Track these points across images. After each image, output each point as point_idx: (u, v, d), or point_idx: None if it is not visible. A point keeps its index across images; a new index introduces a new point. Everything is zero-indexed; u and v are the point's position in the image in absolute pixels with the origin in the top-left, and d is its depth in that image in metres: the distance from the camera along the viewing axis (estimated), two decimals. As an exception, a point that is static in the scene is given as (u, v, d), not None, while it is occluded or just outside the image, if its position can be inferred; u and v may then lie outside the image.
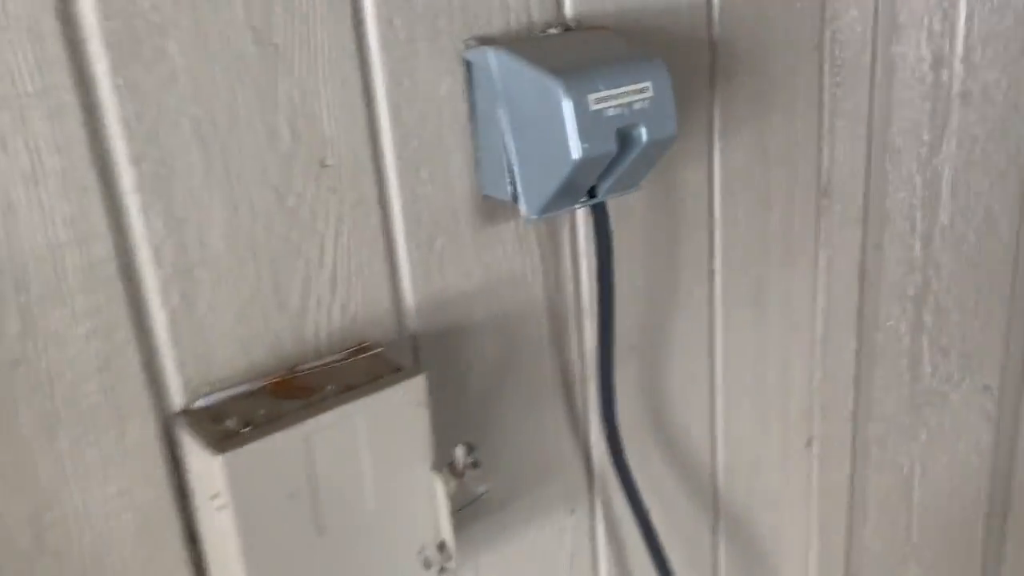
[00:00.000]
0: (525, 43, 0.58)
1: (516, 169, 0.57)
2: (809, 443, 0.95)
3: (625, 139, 0.55)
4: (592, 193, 0.59)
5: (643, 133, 0.55)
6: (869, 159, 0.82)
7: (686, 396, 0.81)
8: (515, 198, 0.58)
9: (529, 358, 0.67)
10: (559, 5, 0.61)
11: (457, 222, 0.60)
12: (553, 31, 0.61)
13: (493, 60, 0.56)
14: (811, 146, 0.84)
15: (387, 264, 0.58)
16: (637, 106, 0.55)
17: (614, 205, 0.65)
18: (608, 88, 0.54)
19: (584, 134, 0.53)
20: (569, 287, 0.68)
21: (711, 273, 0.79)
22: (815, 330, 0.91)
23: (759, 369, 0.87)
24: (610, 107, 0.54)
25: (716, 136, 0.75)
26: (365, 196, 0.55)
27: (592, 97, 0.53)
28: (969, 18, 0.69)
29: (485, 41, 0.58)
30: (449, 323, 0.62)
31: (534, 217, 0.57)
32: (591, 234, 0.67)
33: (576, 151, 0.53)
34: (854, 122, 0.83)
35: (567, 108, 0.52)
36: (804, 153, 0.83)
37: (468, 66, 0.58)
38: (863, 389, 0.88)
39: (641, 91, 0.55)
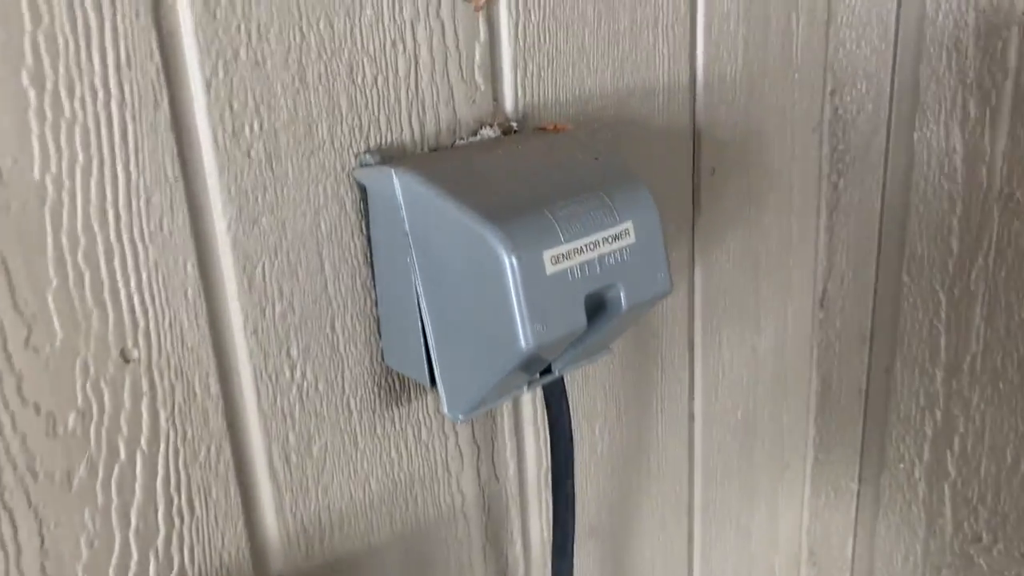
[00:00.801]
0: (447, 159, 0.39)
1: (433, 347, 0.38)
2: (797, 596, 0.79)
3: (596, 306, 0.37)
4: (546, 369, 0.41)
5: (622, 297, 0.37)
6: (878, 266, 0.67)
7: None
8: (433, 382, 0.39)
9: (455, 570, 0.49)
10: (496, 95, 0.43)
11: (347, 411, 0.41)
12: (488, 133, 0.42)
13: (398, 188, 0.37)
14: (808, 250, 0.67)
15: (237, 489, 0.38)
16: (613, 259, 0.37)
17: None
18: (572, 238, 0.36)
19: (536, 312, 0.34)
20: (509, 468, 0.50)
21: (691, 419, 0.62)
22: (807, 465, 0.75)
23: (743, 524, 0.70)
24: (575, 265, 0.36)
25: (696, 247, 0.58)
26: (198, 398, 0.36)
27: (548, 255, 0.35)
28: (1019, 102, 0.54)
29: (387, 155, 0.39)
30: (336, 555, 0.42)
31: (459, 419, 0.39)
32: (538, 400, 0.49)
33: (525, 338, 0.34)
34: (861, 222, 0.67)
35: (511, 274, 0.34)
36: (800, 259, 0.67)
37: (364, 191, 0.39)
38: (862, 540, 0.73)
39: (618, 236, 0.37)
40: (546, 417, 0.45)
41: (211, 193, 0.35)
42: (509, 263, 0.34)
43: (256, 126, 0.35)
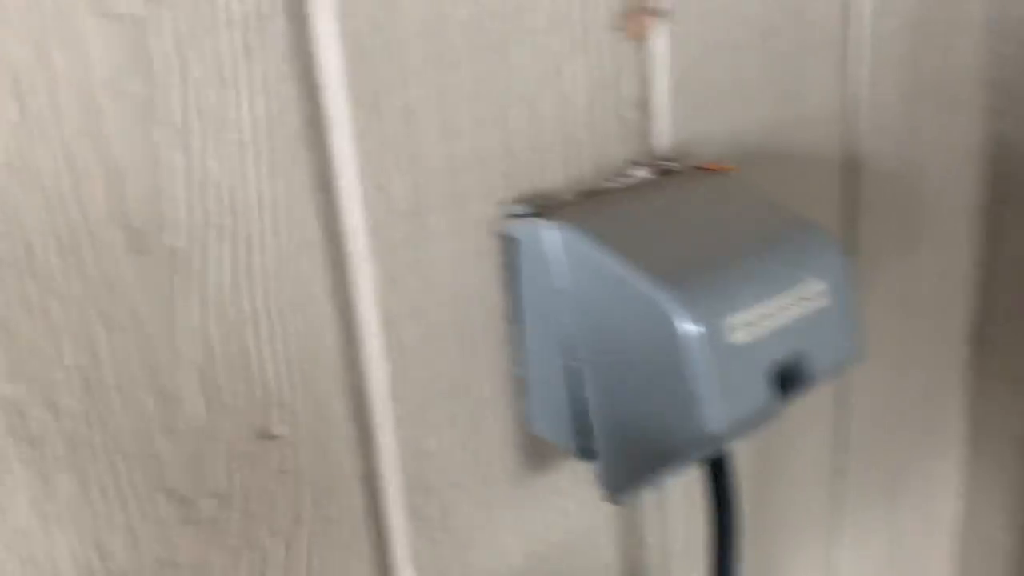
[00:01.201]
0: (604, 207, 0.35)
1: (593, 422, 0.34)
2: (939, 657, 0.72)
3: (783, 377, 0.33)
4: (709, 440, 0.36)
5: (813, 366, 0.33)
6: (1043, 303, 0.61)
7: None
8: (585, 455, 0.35)
9: (593, 645, 0.45)
10: (644, 133, 0.39)
11: (488, 481, 0.38)
12: (642, 173, 0.38)
13: (552, 241, 0.33)
14: (963, 286, 0.61)
15: (375, 554, 0.35)
16: (802, 324, 0.32)
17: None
18: (757, 301, 0.31)
19: (721, 390, 0.30)
20: (654, 536, 0.46)
21: (838, 473, 0.57)
22: (957, 516, 0.69)
23: (887, 581, 0.64)
24: (762, 332, 0.31)
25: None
26: (342, 474, 0.33)
27: (731, 322, 0.31)
28: None
29: (537, 204, 0.35)
30: (476, 637, 0.39)
31: (619, 502, 0.35)
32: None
33: (710, 421, 0.30)
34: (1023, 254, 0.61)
35: (690, 347, 0.30)
36: (954, 296, 0.61)
37: (511, 243, 0.35)
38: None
39: (809, 297, 0.33)
40: (701, 486, 0.41)
41: (356, 254, 0.32)
42: (688, 334, 0.30)
43: (404, 179, 0.32)
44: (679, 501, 0.46)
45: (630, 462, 0.33)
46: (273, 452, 0.31)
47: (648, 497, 0.45)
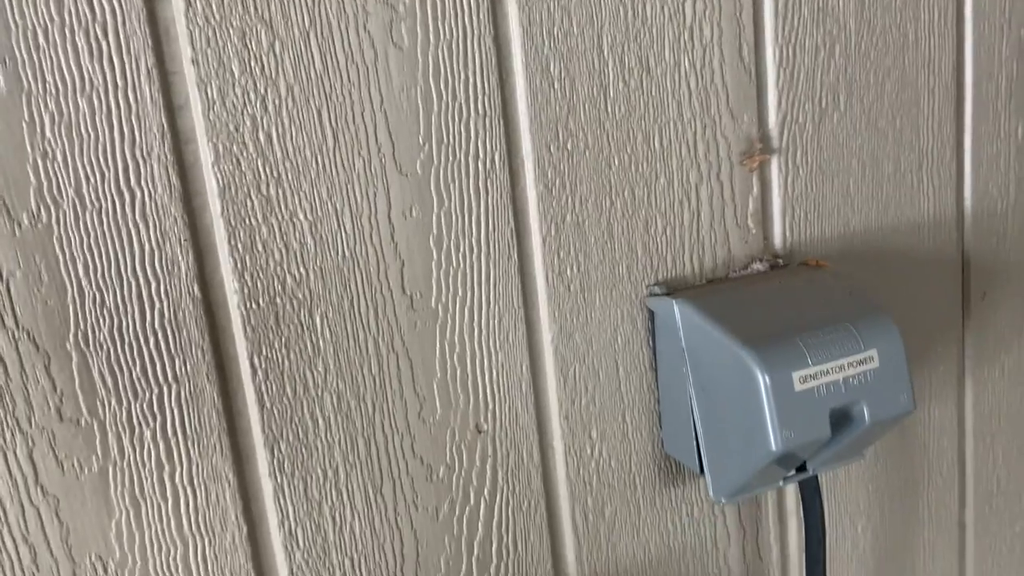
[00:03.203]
0: (719, 291, 0.49)
1: (702, 441, 0.48)
2: None
3: (841, 419, 0.45)
4: (801, 467, 0.49)
5: (865, 413, 0.45)
6: None
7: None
8: (701, 469, 0.49)
9: (719, 634, 0.57)
10: (766, 236, 0.52)
11: (633, 485, 0.52)
12: (758, 267, 0.52)
13: (678, 314, 0.48)
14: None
15: (548, 536, 0.50)
16: (856, 381, 0.45)
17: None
18: (819, 362, 0.44)
19: (785, 421, 0.43)
20: (773, 551, 0.57)
21: (961, 528, 0.64)
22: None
23: (1027, 643, 0.69)
24: (821, 384, 0.44)
25: (968, 366, 0.62)
26: (524, 463, 0.49)
27: (797, 375, 0.43)
28: None
29: (671, 287, 0.50)
30: (620, 602, 0.53)
31: (722, 501, 0.48)
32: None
33: (776, 442, 0.43)
34: None
35: (764, 390, 0.43)
36: (1090, 379, 0.67)
37: (651, 313, 0.50)
38: None
39: (863, 362, 0.45)
40: (804, 531, 0.52)
41: (542, 317, 0.48)
42: (763, 381, 0.43)
43: (575, 268, 0.48)
44: (795, 524, 0.57)
45: (729, 472, 0.47)
46: (481, 442, 0.48)
47: (769, 517, 0.56)
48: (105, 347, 0.39)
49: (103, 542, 0.41)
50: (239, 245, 0.41)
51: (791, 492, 0.57)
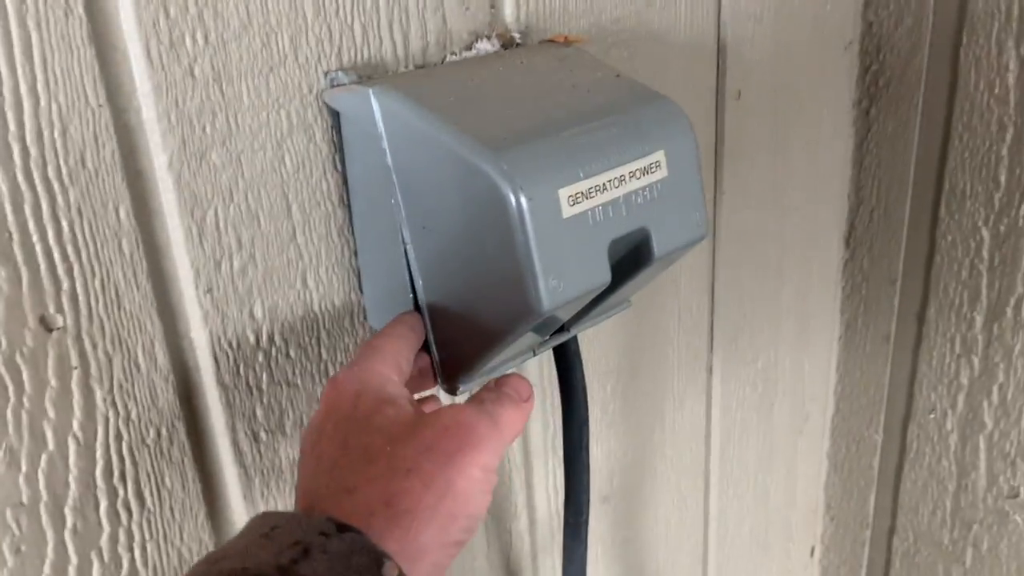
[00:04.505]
0: (437, 77, 0.33)
1: (425, 309, 0.32)
2: (812, 552, 0.75)
3: (621, 254, 0.31)
4: (560, 327, 0.35)
5: (653, 243, 0.31)
6: (911, 202, 0.61)
7: (674, 541, 0.58)
8: (426, 350, 0.33)
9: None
10: (493, 4, 0.36)
11: (326, 379, 0.35)
12: (485, 46, 0.35)
13: (378, 112, 0.30)
14: (837, 184, 0.61)
15: (197, 479, 0.32)
16: (641, 198, 0.31)
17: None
18: (594, 172, 0.29)
19: (552, 265, 0.28)
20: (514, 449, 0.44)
21: (708, 372, 0.56)
22: (827, 416, 0.70)
23: (761, 481, 0.65)
24: (597, 205, 0.29)
25: (717, 183, 0.52)
26: (145, 381, 0.30)
27: (565, 193, 0.28)
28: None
29: (364, 74, 0.32)
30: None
31: (458, 392, 0.33)
32: (543, 359, 0.43)
33: (539, 297, 0.28)
34: (895, 153, 0.61)
35: (520, 218, 0.27)
36: (828, 194, 0.61)
37: (336, 115, 0.32)
38: (884, 493, 0.68)
39: (648, 169, 0.31)
40: (554, 379, 0.39)
41: (146, 121, 0.28)
42: (517, 204, 0.27)
43: (200, 36, 0.28)
44: (538, 398, 0.45)
45: (467, 349, 0.31)
46: (54, 346, 0.28)
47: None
48: None
49: None
50: None
51: (538, 363, 0.43)
